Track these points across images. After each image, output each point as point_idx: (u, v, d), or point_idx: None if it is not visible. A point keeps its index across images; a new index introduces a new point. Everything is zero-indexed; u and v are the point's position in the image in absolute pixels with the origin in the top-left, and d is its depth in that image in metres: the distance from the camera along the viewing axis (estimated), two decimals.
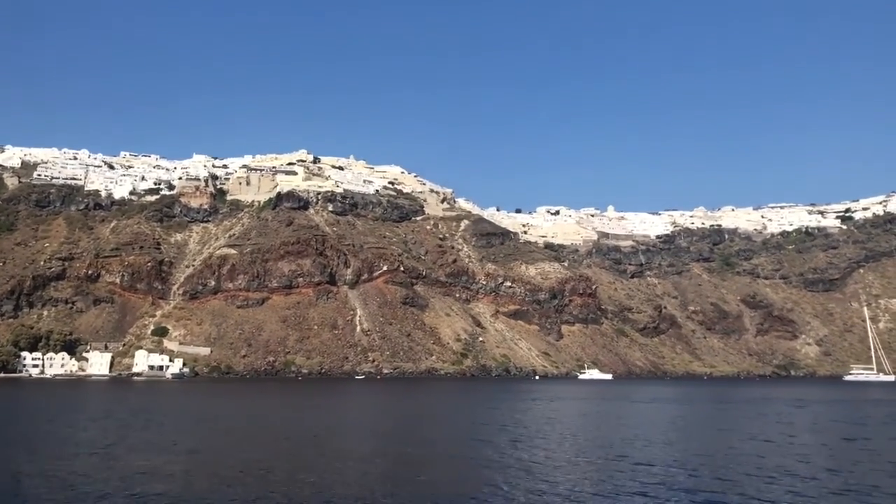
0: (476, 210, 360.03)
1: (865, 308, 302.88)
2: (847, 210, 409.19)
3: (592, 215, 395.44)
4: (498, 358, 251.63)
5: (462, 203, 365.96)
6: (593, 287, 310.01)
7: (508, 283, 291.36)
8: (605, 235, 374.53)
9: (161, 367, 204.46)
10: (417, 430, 61.86)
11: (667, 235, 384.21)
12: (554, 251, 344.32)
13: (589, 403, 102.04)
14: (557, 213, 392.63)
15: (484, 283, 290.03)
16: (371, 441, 52.95)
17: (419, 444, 50.40)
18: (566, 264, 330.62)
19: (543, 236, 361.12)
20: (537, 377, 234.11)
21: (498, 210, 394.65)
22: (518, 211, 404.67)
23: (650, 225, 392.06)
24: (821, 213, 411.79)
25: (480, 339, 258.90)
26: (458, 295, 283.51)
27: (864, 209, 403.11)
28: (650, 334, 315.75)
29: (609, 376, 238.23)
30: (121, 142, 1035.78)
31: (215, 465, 39.57)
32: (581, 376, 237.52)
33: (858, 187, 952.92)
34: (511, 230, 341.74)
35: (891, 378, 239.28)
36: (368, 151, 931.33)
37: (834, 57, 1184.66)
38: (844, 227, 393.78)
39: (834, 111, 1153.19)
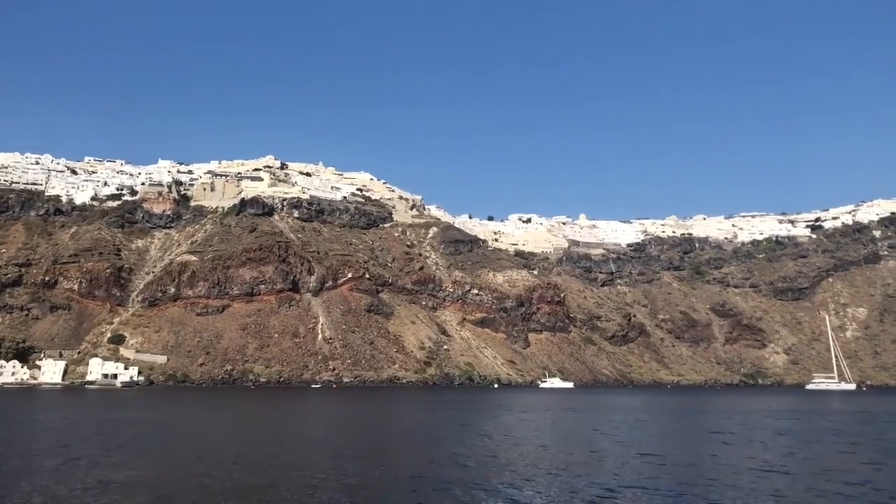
0: (447, 217, 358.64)
1: (827, 316, 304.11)
2: (817, 219, 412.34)
3: (564, 223, 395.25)
4: (462, 366, 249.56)
5: (433, 210, 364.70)
6: (562, 295, 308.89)
7: (476, 291, 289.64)
8: (575, 243, 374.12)
9: (115, 376, 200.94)
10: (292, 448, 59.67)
11: (637, 244, 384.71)
12: (524, 259, 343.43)
13: (509, 414, 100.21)
14: (529, 220, 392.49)
15: (451, 290, 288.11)
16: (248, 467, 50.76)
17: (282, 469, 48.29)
18: (536, 272, 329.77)
19: (514, 244, 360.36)
20: (495, 386, 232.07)
21: (470, 217, 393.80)
22: (490, 218, 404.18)
23: (621, 233, 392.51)
24: (791, 222, 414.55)
25: (445, 347, 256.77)
26: (424, 303, 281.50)
27: (834, 219, 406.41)
28: (619, 342, 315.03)
29: (570, 385, 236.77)
30: (89, 147, 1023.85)
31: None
32: (542, 385, 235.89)
33: (829, 197, 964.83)
34: (481, 237, 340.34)
35: (852, 386, 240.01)
36: (339, 159, 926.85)
37: (803, 69, 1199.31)
38: (814, 236, 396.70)
39: (805, 123, 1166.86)
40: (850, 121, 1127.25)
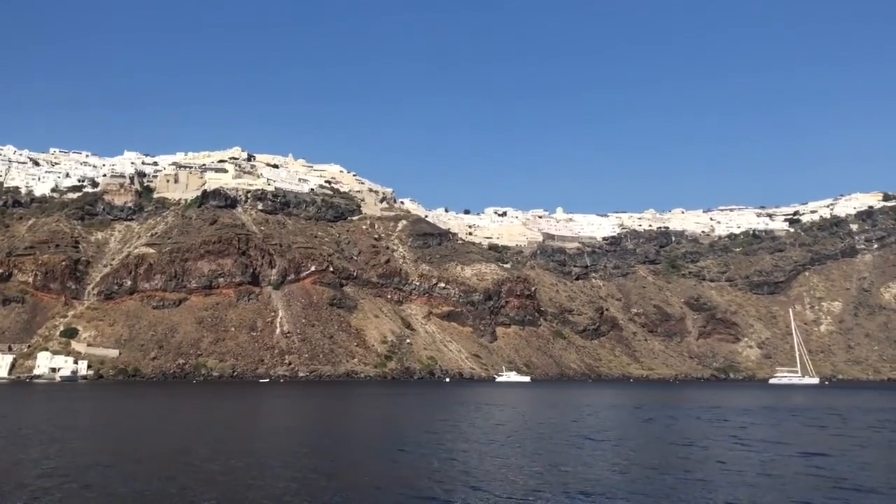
0: (419, 210, 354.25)
1: (791, 310, 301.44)
2: (795, 213, 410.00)
3: (540, 217, 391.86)
4: (424, 360, 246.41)
5: (407, 203, 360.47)
6: (532, 288, 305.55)
7: (443, 285, 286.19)
8: (550, 237, 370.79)
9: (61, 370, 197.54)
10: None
11: (613, 237, 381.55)
12: (497, 252, 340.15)
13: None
14: (504, 214, 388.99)
15: (417, 283, 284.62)
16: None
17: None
18: (509, 266, 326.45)
19: (489, 237, 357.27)
20: (447, 380, 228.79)
21: (447, 211, 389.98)
22: (467, 212, 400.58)
23: (597, 227, 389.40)
24: (769, 216, 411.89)
25: (408, 341, 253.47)
26: (389, 296, 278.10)
27: (812, 212, 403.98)
28: (590, 336, 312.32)
29: (527, 378, 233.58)
30: (56, 139, 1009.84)
31: None
32: (498, 379, 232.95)
33: (808, 191, 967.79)
34: (452, 231, 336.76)
35: (815, 381, 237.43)
36: (311, 151, 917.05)
37: (783, 63, 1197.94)
38: (792, 230, 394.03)
39: (785, 117, 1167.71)
40: (830, 115, 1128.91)
